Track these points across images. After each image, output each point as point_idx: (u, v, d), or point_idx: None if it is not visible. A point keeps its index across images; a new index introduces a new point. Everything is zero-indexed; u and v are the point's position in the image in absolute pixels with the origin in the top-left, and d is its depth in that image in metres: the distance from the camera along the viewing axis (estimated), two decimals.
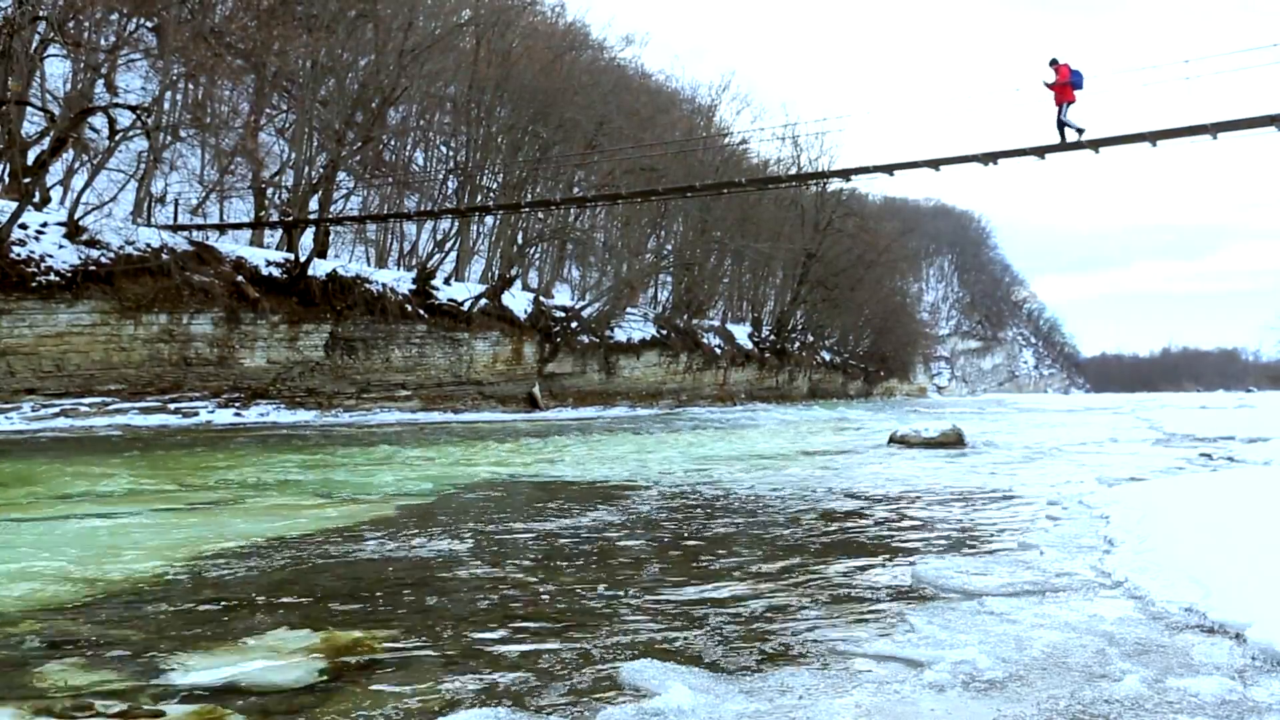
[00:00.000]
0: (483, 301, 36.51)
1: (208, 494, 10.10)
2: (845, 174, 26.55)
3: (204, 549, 6.85)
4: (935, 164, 21.21)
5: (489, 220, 41.53)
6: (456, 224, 36.77)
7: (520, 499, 10.17)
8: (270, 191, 32.97)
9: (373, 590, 5.62)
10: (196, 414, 25.43)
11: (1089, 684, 3.82)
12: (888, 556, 6.88)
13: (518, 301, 39.53)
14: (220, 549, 6.89)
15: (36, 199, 24.48)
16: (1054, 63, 18.69)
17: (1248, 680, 3.86)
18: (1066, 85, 18.67)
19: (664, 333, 50.15)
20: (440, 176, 42.95)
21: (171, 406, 25.21)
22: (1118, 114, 22.41)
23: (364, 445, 18.02)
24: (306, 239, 32.46)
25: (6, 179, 24.65)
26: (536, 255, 47.74)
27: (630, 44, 65.44)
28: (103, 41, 28.36)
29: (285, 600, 5.38)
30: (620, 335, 46.06)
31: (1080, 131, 19.16)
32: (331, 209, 32.85)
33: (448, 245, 36.91)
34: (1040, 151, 20.09)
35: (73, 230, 23.88)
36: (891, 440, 19.72)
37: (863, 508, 9.60)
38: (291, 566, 6.34)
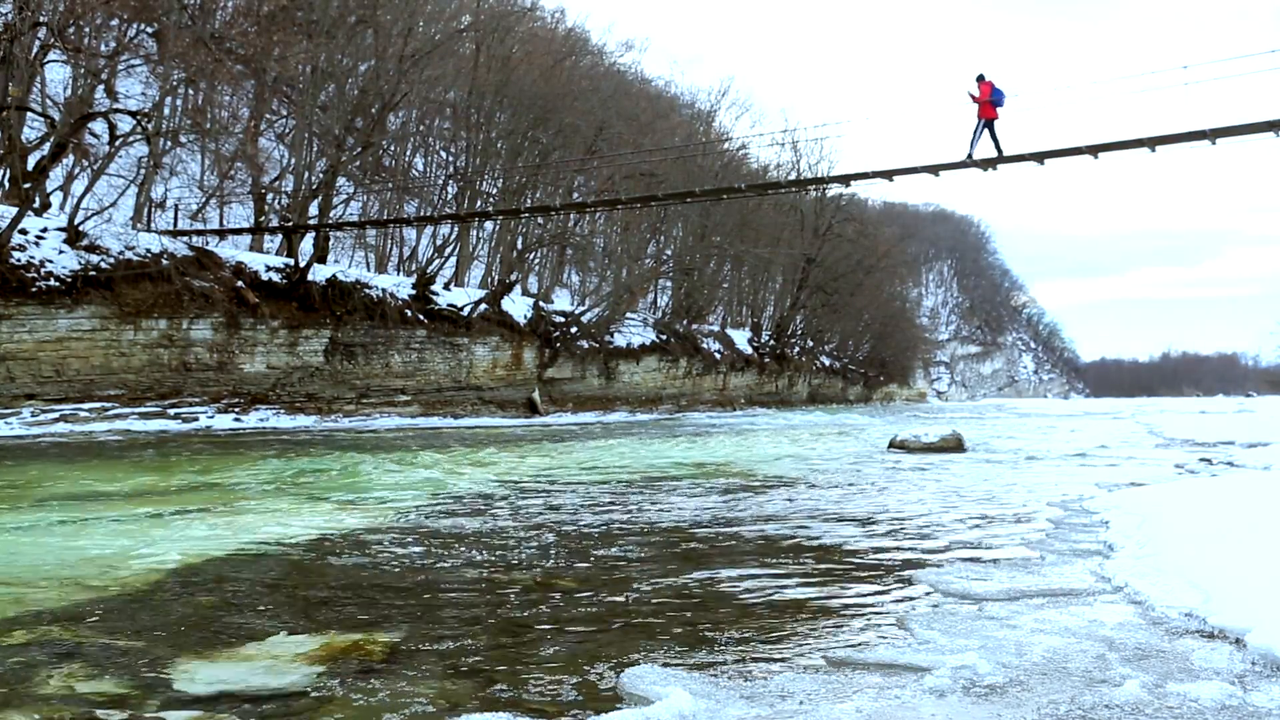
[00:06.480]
0: (482, 307, 36.53)
1: (207, 499, 10.09)
2: (845, 179, 26.54)
3: (204, 554, 6.85)
4: (935, 169, 21.22)
5: (489, 225, 41.56)
6: (456, 229, 36.81)
7: (519, 504, 10.17)
8: (270, 197, 32.99)
9: (372, 595, 5.62)
10: (196, 419, 25.42)
11: (1089, 689, 3.82)
12: (888, 561, 6.88)
13: (517, 307, 39.55)
14: (220, 554, 6.88)
15: (36, 204, 24.50)
16: (980, 79, 19.51)
17: (1248, 685, 3.86)
18: (988, 102, 19.41)
19: (664, 338, 50.17)
20: (440, 182, 43.00)
21: (171, 412, 25.20)
22: (1117, 119, 22.48)
23: (363, 450, 18.02)
24: (306, 244, 32.51)
25: (7, 184, 24.67)
26: (536, 260, 47.78)
27: (630, 50, 65.88)
28: (103, 47, 28.39)
29: (285, 605, 5.38)
30: (620, 340, 46.07)
31: (1000, 151, 19.72)
32: (331, 214, 32.86)
33: (447, 250, 36.95)
34: (1039, 157, 20.16)
35: (73, 235, 23.89)
36: (892, 445, 19.73)
37: (863, 512, 9.60)
38: (291, 571, 6.34)
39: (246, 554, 6.94)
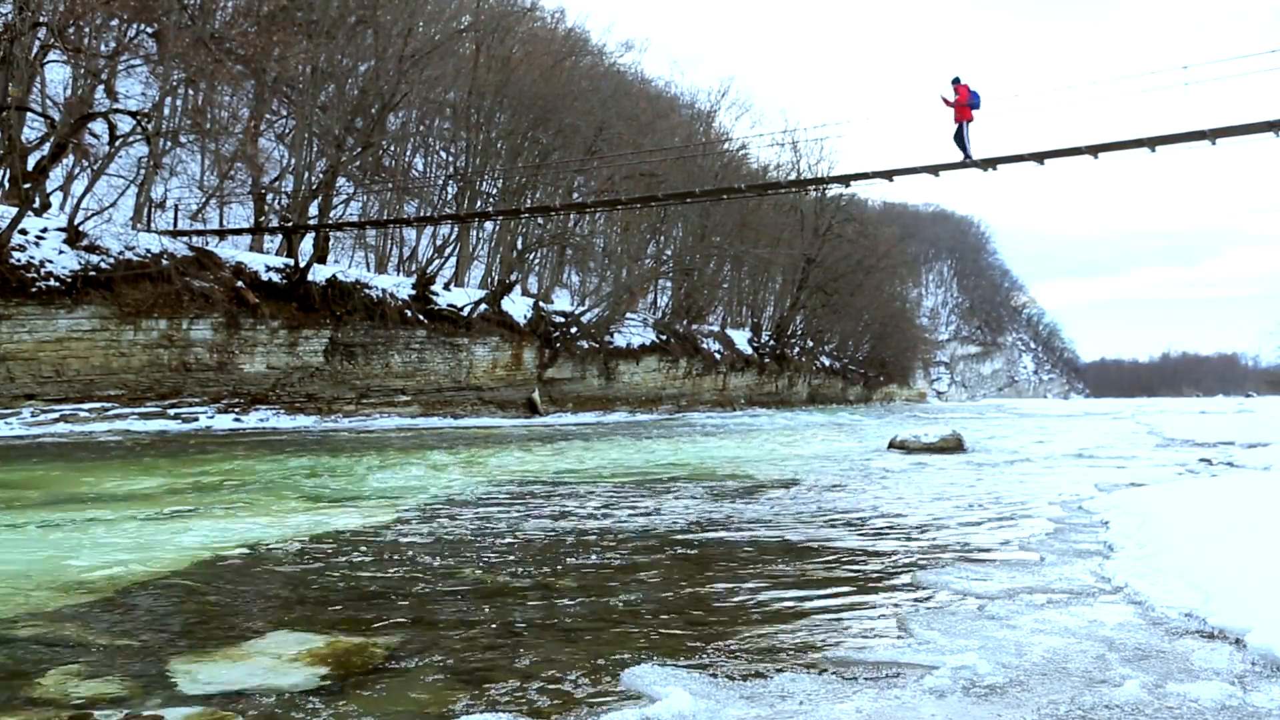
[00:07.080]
0: (482, 307, 36.53)
1: (208, 500, 10.09)
2: (845, 179, 26.56)
3: (204, 554, 6.85)
4: (935, 169, 21.24)
5: (489, 226, 41.58)
6: (456, 229, 36.82)
7: (520, 505, 10.17)
8: (270, 197, 33.00)
9: (375, 596, 5.62)
10: (196, 419, 25.42)
11: (1089, 689, 3.82)
12: (888, 561, 6.88)
13: (517, 307, 39.55)
14: (221, 554, 6.88)
15: (36, 204, 24.50)
16: (955, 82, 19.62)
17: (1248, 685, 3.86)
18: (965, 105, 19.59)
19: (664, 338, 50.17)
20: (440, 182, 43.01)
21: (171, 412, 25.20)
22: (1117, 119, 22.50)
23: (364, 451, 18.02)
24: (306, 244, 32.51)
25: (7, 184, 24.66)
26: (536, 260, 47.79)
27: (630, 50, 65.84)
28: (103, 47, 28.39)
29: (287, 606, 5.38)
30: (620, 340, 46.07)
31: (967, 154, 19.96)
32: (331, 214, 32.87)
33: (447, 251, 36.97)
34: (1039, 157, 20.17)
35: (73, 236, 23.89)
36: (892, 445, 19.73)
37: (862, 513, 9.60)
38: (293, 572, 6.33)
39: (246, 554, 6.94)
